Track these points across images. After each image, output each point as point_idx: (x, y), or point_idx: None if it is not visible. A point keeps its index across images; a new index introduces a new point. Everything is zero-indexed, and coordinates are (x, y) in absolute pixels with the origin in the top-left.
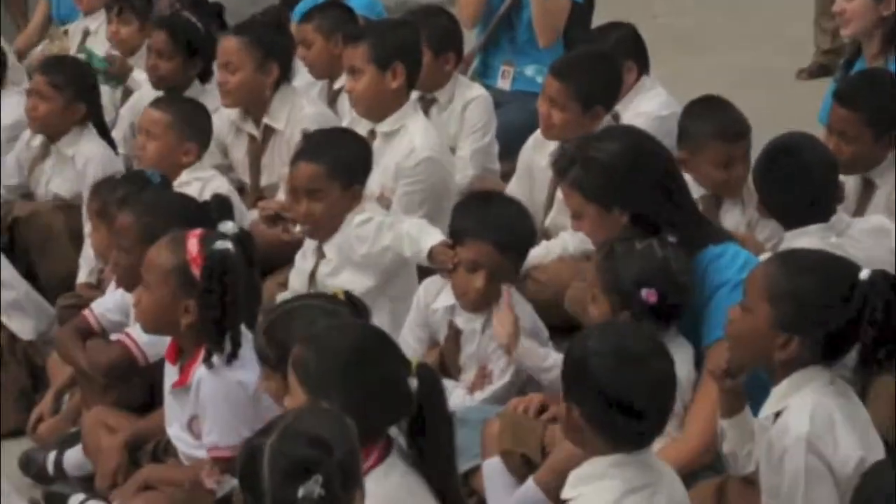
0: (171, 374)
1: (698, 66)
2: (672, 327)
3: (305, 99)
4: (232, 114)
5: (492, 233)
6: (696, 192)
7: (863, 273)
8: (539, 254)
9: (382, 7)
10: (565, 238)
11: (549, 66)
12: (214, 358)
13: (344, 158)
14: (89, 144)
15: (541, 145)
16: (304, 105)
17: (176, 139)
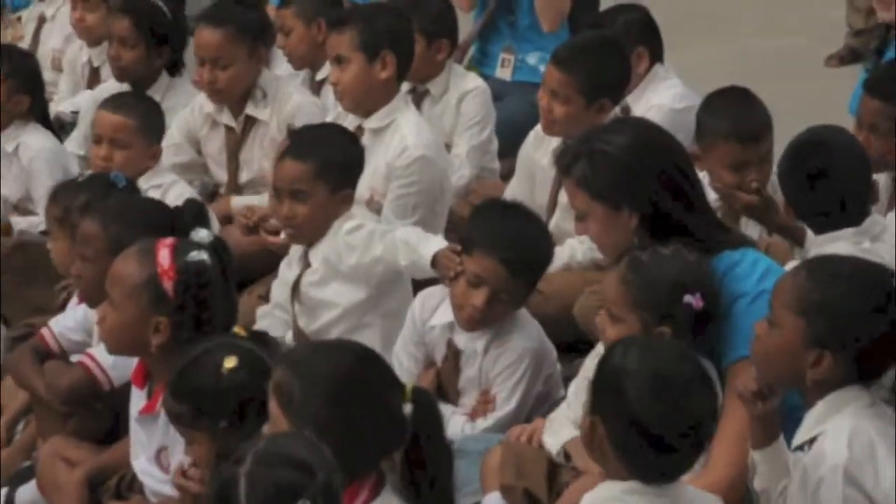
0: (138, 399)
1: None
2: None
3: (292, 87)
4: (207, 105)
5: (502, 249)
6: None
7: None
8: None
9: None
10: (573, 245)
11: (551, 54)
12: None
13: (334, 158)
14: (34, 137)
15: (541, 142)
16: (293, 93)
17: (144, 144)
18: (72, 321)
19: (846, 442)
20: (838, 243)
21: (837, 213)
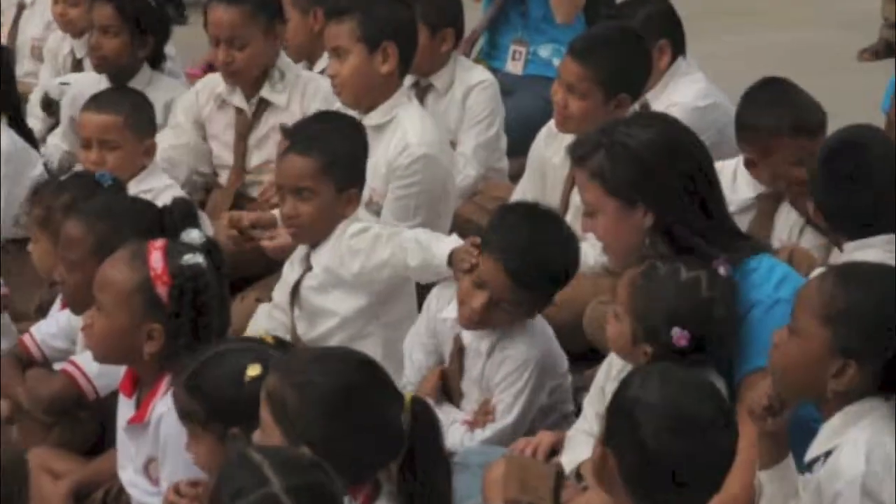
0: (126, 408)
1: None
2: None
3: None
4: (218, 86)
5: (510, 259)
6: (754, 189)
7: None
8: None
9: None
10: (585, 249)
11: (568, 46)
12: None
13: (340, 151)
14: None
15: (554, 139)
16: (317, 78)
17: (136, 140)
18: (55, 327)
19: (864, 455)
20: (868, 250)
21: (869, 218)
